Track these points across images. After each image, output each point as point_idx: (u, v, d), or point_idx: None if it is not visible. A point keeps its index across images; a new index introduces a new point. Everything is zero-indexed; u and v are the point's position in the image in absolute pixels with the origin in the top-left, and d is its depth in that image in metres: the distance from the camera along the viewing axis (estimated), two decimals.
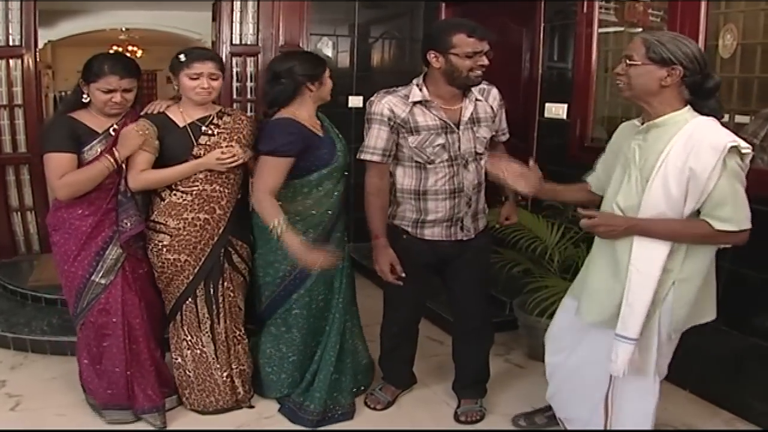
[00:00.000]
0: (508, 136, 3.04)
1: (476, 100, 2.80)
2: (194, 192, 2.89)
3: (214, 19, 5.34)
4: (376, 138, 2.75)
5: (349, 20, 5.49)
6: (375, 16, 5.62)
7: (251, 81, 5.26)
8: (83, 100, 2.83)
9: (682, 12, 3.44)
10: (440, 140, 2.73)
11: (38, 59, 4.92)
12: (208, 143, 2.89)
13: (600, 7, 4.02)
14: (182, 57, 2.83)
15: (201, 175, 2.88)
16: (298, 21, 5.24)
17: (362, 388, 3.30)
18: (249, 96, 5.27)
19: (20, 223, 4.96)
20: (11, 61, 4.74)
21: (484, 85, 2.84)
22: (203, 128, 2.90)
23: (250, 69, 5.27)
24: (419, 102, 2.73)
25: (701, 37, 3.36)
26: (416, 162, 2.78)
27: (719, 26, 3.38)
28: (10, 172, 4.87)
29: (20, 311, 4.08)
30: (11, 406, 3.16)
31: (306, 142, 2.84)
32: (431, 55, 2.67)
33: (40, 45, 5.03)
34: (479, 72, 2.66)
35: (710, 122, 2.20)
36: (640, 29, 3.94)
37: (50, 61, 11.38)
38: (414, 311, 3.16)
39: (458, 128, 2.75)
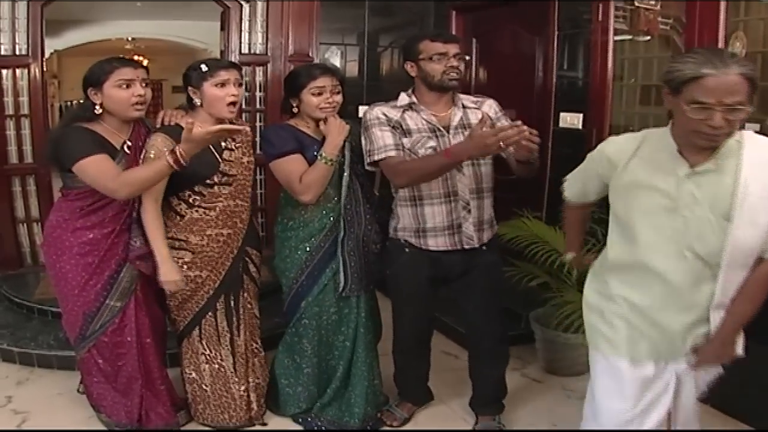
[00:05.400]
0: None
1: (466, 107, 2.85)
2: (218, 208, 2.82)
3: (222, 28, 5.30)
4: (382, 137, 2.75)
5: (357, 29, 5.44)
6: (384, 25, 5.56)
7: (260, 90, 5.20)
8: (96, 111, 2.66)
9: (701, 16, 3.37)
10: (432, 142, 2.75)
11: (45, 69, 4.86)
12: (230, 158, 2.82)
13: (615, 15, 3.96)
14: (204, 67, 2.72)
15: (225, 191, 2.82)
16: (307, 30, 5.19)
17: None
18: (258, 105, 5.21)
19: (26, 234, 4.90)
20: (18, 71, 4.68)
21: (478, 97, 2.93)
22: (222, 143, 2.81)
23: (259, 78, 5.20)
24: (408, 107, 2.81)
25: (721, 45, 3.30)
26: None
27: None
28: (16, 182, 4.81)
29: (26, 325, 4.01)
30: (17, 423, 3.09)
31: (298, 141, 2.85)
32: (408, 66, 2.83)
33: (46, 55, 4.97)
34: (453, 74, 2.76)
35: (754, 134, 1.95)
36: (648, 38, 3.89)
37: (56, 71, 11.35)
38: (423, 327, 3.10)
39: (448, 132, 2.77)
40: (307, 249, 2.94)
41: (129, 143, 2.73)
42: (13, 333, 3.88)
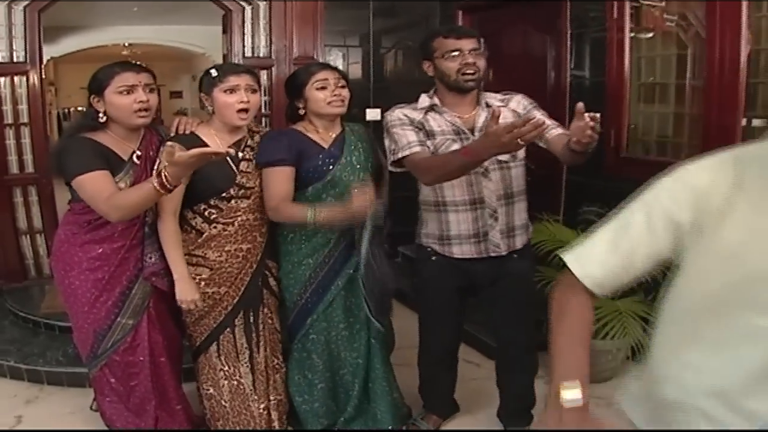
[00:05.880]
0: (561, 130, 2.60)
1: (491, 106, 2.67)
2: (237, 222, 2.69)
3: (224, 32, 5.19)
4: (405, 135, 2.60)
5: (360, 30, 5.35)
6: (387, 26, 5.48)
7: (265, 95, 5.09)
8: (99, 119, 2.52)
9: (722, 13, 3.28)
10: (456, 146, 2.59)
11: (43, 76, 4.75)
12: (248, 170, 2.68)
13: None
14: (214, 72, 2.60)
15: (243, 205, 2.68)
16: (311, 32, 5.09)
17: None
18: (263, 110, 5.10)
19: (29, 246, 4.80)
20: (16, 78, 4.58)
21: (507, 94, 2.78)
22: (240, 153, 2.68)
23: (263, 82, 5.07)
24: (430, 109, 2.67)
25: (743, 41, 3.21)
26: None
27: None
28: (18, 193, 4.71)
29: (33, 340, 3.89)
30: None
31: (299, 150, 2.69)
32: (425, 65, 2.69)
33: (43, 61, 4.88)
34: (469, 72, 2.58)
35: None
36: (650, 35, 3.84)
37: (53, 78, 11.23)
38: (451, 338, 2.99)
39: (473, 134, 2.63)
40: (311, 264, 2.81)
41: (138, 153, 2.59)
42: (20, 349, 3.76)
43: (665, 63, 3.82)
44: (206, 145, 2.55)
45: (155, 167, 2.55)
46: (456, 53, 2.57)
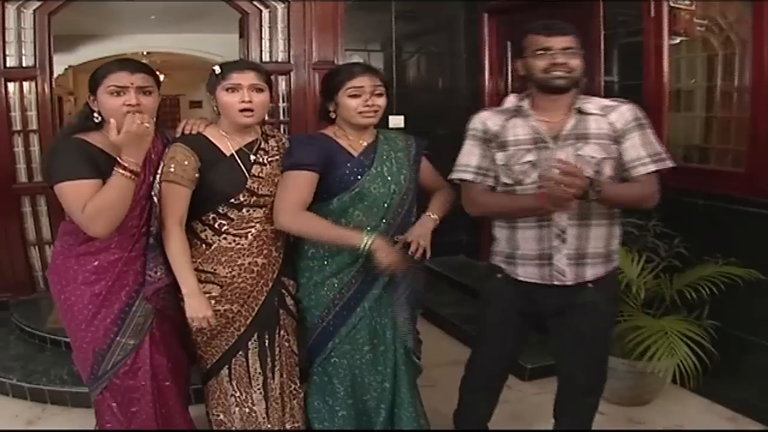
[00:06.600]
0: (653, 167, 2.34)
1: (585, 113, 2.37)
2: (251, 234, 2.48)
3: (241, 36, 5.04)
4: (469, 154, 2.45)
5: (381, 35, 5.20)
6: (410, 30, 5.33)
7: (284, 101, 4.92)
8: (94, 119, 2.32)
9: None
10: (529, 156, 2.35)
11: (53, 82, 4.61)
12: (261, 174, 2.48)
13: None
14: (217, 69, 2.42)
15: (258, 215, 2.48)
16: (332, 36, 4.92)
17: None
18: (282, 117, 4.93)
19: (38, 257, 4.64)
20: (25, 84, 4.44)
21: (611, 102, 2.43)
22: (252, 156, 2.48)
23: (282, 88, 4.91)
24: (515, 112, 2.42)
25: None
26: (506, 184, 2.41)
27: None
28: (26, 203, 4.56)
29: (38, 357, 3.73)
30: None
31: (328, 156, 2.49)
32: (516, 64, 2.46)
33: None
34: (558, 72, 2.28)
35: None
36: (678, 40, 3.68)
37: (72, 87, 11.18)
38: (502, 365, 2.74)
39: (556, 142, 2.34)
40: (335, 285, 2.58)
41: None
42: (24, 366, 3.60)
43: (703, 66, 3.63)
44: (214, 146, 2.42)
45: (160, 170, 2.37)
46: (545, 51, 2.31)
